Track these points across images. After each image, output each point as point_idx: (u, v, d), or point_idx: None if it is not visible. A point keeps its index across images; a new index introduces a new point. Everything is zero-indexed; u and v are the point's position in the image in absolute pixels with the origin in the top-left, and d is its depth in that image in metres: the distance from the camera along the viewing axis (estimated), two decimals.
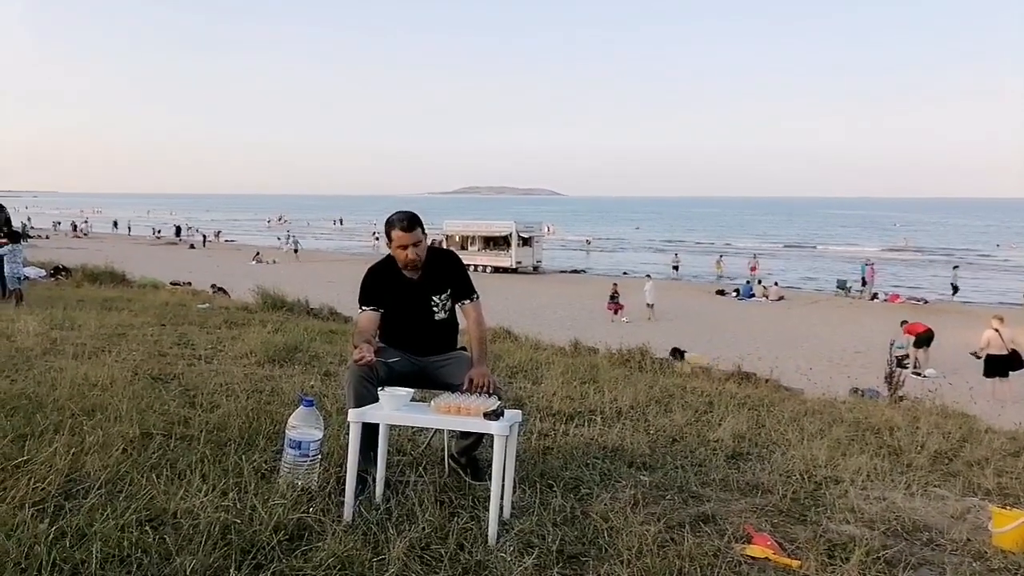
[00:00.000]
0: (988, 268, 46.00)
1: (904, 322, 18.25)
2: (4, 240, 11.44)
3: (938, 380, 13.58)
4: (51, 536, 2.40)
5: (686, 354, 13.62)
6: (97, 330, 7.52)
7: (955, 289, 31.36)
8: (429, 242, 3.51)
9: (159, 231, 61.90)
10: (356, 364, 3.12)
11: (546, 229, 64.66)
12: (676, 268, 40.67)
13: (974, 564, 2.92)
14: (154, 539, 2.46)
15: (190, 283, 21.14)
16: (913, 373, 14.77)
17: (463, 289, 3.52)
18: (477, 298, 3.54)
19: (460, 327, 3.63)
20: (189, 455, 3.32)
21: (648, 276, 26.67)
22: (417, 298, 3.44)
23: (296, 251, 46.10)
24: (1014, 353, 14.28)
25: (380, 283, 3.43)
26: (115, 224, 71.98)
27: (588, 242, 60.45)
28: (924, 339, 17.40)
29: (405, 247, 3.33)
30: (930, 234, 77.69)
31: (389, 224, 3.37)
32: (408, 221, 3.34)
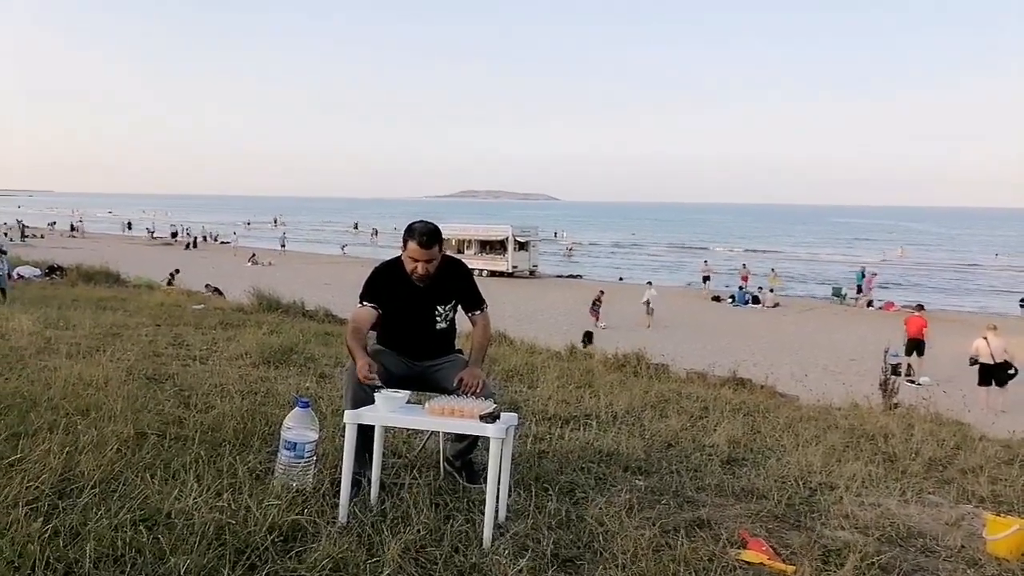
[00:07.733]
0: (986, 277, 46.10)
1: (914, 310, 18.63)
2: None
3: (932, 388, 13.59)
4: (45, 535, 2.39)
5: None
6: (91, 330, 7.49)
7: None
8: None
9: (154, 231, 61.74)
10: (362, 382, 3.05)
11: (554, 234, 63.42)
12: (707, 279, 34.01)
13: (968, 571, 2.92)
14: (148, 539, 2.45)
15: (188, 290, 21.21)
16: (907, 381, 14.77)
17: (472, 300, 3.51)
18: (486, 308, 3.54)
19: (458, 332, 3.63)
20: (183, 455, 3.32)
21: (649, 283, 26.69)
22: (421, 306, 3.41)
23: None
24: (1005, 363, 14.22)
25: (386, 283, 3.38)
26: (128, 225, 71.41)
27: (570, 249, 58.07)
28: (914, 345, 17.42)
29: (417, 261, 3.29)
30: (928, 244, 77.80)
31: (409, 232, 3.30)
32: (428, 238, 3.26)
